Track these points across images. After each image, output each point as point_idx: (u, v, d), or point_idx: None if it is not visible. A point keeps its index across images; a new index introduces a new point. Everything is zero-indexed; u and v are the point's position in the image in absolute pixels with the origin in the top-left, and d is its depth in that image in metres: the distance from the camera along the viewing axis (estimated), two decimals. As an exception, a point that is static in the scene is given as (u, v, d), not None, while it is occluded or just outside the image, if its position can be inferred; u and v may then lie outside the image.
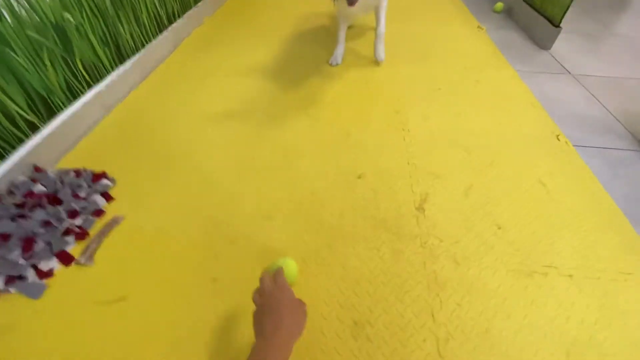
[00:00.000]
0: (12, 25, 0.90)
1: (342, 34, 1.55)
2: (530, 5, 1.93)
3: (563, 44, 1.80)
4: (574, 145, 1.16)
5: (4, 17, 0.88)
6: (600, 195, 0.98)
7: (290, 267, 0.67)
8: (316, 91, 1.40)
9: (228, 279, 0.76)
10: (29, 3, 0.94)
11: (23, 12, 0.92)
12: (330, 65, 1.57)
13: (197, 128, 1.20)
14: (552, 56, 1.71)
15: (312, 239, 0.84)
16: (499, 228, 0.88)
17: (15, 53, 0.91)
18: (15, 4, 0.90)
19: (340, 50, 1.57)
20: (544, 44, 1.76)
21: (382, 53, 1.54)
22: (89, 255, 0.78)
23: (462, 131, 1.19)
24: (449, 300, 0.73)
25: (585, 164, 1.08)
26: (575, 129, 1.23)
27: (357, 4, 1.17)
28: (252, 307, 0.55)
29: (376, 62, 1.58)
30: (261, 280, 0.56)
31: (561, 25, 1.67)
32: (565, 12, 1.64)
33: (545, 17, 1.78)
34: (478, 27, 2.00)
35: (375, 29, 1.52)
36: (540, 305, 0.72)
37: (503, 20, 2.11)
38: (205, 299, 0.72)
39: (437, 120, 1.25)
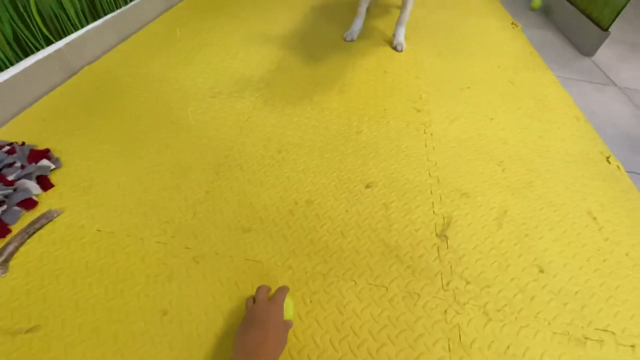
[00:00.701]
0: None
1: (363, 7, 1.35)
2: (574, 4, 1.70)
3: (607, 52, 1.59)
4: (627, 172, 0.96)
5: None
6: (665, 238, 0.79)
7: (286, 306, 0.50)
8: (325, 75, 1.18)
9: (182, 312, 0.56)
10: None
11: None
12: (345, 40, 1.38)
13: (177, 105, 0.98)
14: (596, 64, 1.49)
15: (301, 265, 0.65)
16: (541, 271, 0.69)
17: (-62, -16, 0.69)
18: None
19: (358, 24, 1.38)
20: (587, 49, 1.55)
21: (402, 41, 1.34)
22: (2, 262, 0.58)
23: (495, 141, 0.99)
24: (476, 370, 0.54)
25: (642, 196, 0.88)
26: (626, 151, 1.03)
27: None
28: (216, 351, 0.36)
29: (394, 50, 1.36)
30: (258, 290, 0.53)
31: (609, 29, 1.46)
32: (617, 15, 1.42)
33: (591, 19, 1.56)
34: (512, 23, 1.78)
35: (400, 12, 1.31)
36: (598, 390, 0.53)
37: (540, 19, 1.88)
38: (150, 335, 0.53)
39: (466, 125, 1.04)
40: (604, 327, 0.61)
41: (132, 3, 1.25)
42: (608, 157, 0.99)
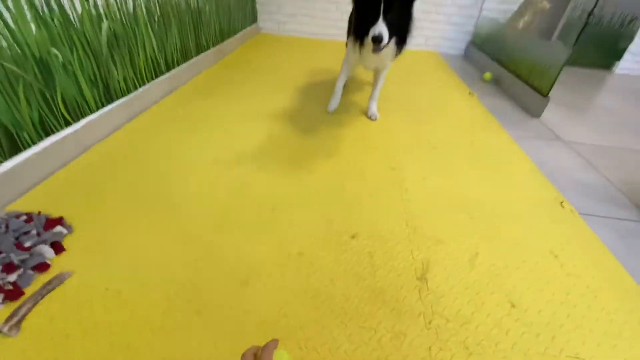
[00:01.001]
0: (-12, 55, 0.84)
1: (341, 84, 1.58)
2: (518, 76, 2.03)
3: (551, 113, 1.85)
4: (580, 214, 1.09)
5: (-19, 46, 0.82)
6: (618, 270, 0.88)
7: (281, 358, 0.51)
8: (312, 144, 1.35)
9: (185, 356, 0.60)
10: (12, 35, 0.89)
11: (4, 42, 0.87)
12: (328, 111, 1.59)
13: (179, 175, 1.10)
14: (543, 123, 1.74)
15: (296, 313, 0.70)
16: (513, 306, 0.76)
17: (-14, 83, 0.84)
18: (-3, 35, 0.85)
19: (337, 98, 1.59)
20: (534, 112, 1.81)
21: (375, 112, 1.58)
22: (15, 323, 0.62)
23: (462, 193, 1.13)
24: (463, 403, 0.58)
25: (595, 235, 1.00)
26: (577, 196, 1.18)
27: (384, 44, 1.18)
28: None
29: (370, 119, 1.58)
30: (243, 356, 0.46)
31: (549, 95, 1.73)
32: (553, 84, 1.71)
33: (533, 87, 1.86)
34: (469, 93, 2.08)
35: (373, 89, 1.55)
36: (575, 415, 0.58)
37: (492, 88, 2.21)
38: (152, 391, 0.56)
39: (436, 180, 1.18)
40: (574, 354, 0.67)
41: (142, 88, 1.45)
42: (562, 202, 1.13)
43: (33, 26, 0.94)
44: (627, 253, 0.95)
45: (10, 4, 0.87)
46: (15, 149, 0.94)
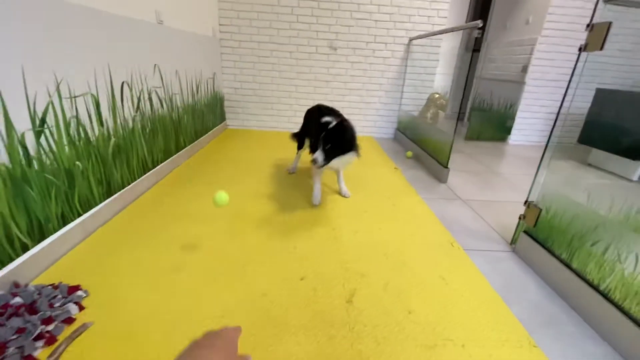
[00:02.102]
0: (36, 170, 1.20)
1: (317, 184, 1.94)
2: (428, 153, 2.68)
3: (456, 179, 2.45)
4: (465, 250, 1.54)
5: (33, 164, 1.19)
6: (484, 284, 1.30)
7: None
8: (271, 216, 1.75)
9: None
10: (53, 154, 1.28)
11: (48, 160, 1.25)
12: (313, 204, 1.90)
13: (168, 247, 1.42)
14: (449, 187, 2.31)
15: (260, 332, 1.01)
16: (410, 313, 1.13)
17: (32, 189, 1.18)
18: (44, 155, 1.23)
19: (316, 192, 1.93)
20: (441, 179, 2.40)
21: (346, 190, 2.06)
22: (55, 358, 0.88)
23: (381, 241, 1.55)
24: (370, 371, 0.90)
25: (472, 263, 1.43)
26: (465, 238, 1.65)
27: (318, 165, 1.61)
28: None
29: (343, 196, 2.06)
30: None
31: (449, 166, 2.34)
32: (448, 159, 2.33)
33: (438, 161, 2.48)
34: (395, 168, 2.67)
35: (338, 177, 2.11)
36: (440, 369, 0.92)
37: (413, 163, 2.84)
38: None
39: (364, 234, 1.61)
40: (446, 337, 1.03)
41: (134, 183, 1.82)
42: (452, 243, 1.58)
43: (67, 148, 1.34)
44: (492, 272, 1.38)
45: (55, 135, 1.28)
46: (42, 236, 1.24)
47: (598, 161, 2.90)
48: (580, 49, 1.17)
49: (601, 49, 1.07)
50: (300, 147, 2.32)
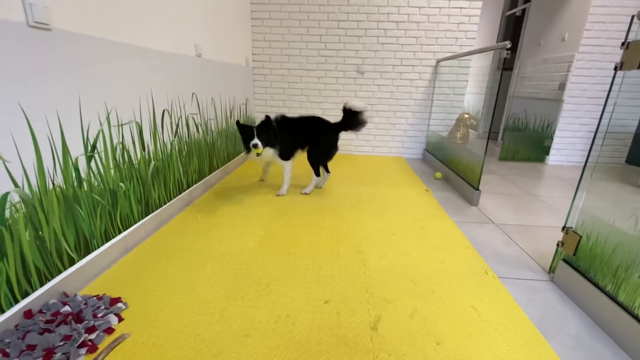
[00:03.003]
0: (85, 191, 1.32)
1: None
2: (458, 174, 2.61)
3: (489, 202, 2.35)
4: (499, 277, 1.46)
5: (83, 185, 1.31)
6: (520, 316, 1.22)
7: None
8: (296, 237, 1.77)
9: (209, 387, 0.90)
10: (100, 176, 1.40)
11: (95, 182, 1.37)
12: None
13: (199, 263, 1.48)
14: (480, 210, 2.22)
15: (283, 355, 1.02)
16: (438, 344, 1.08)
17: (81, 208, 1.30)
18: (92, 177, 1.36)
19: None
20: (472, 201, 2.31)
21: (284, 192, 2.41)
22: (95, 367, 0.93)
23: (410, 266, 1.51)
24: (394, 403, 0.87)
25: (507, 292, 1.35)
26: (499, 264, 1.56)
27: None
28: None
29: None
30: None
31: (479, 188, 2.26)
32: (479, 180, 2.25)
33: (469, 183, 2.41)
34: (426, 190, 2.62)
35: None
36: (470, 407, 0.86)
37: (443, 184, 2.77)
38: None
39: (391, 258, 1.57)
40: (478, 373, 0.97)
41: (170, 202, 1.94)
42: (486, 270, 1.51)
43: (112, 171, 1.47)
44: (529, 303, 1.29)
45: (103, 159, 1.41)
46: (88, 251, 1.35)
47: (651, 183, 2.66)
48: (615, 68, 1.12)
49: (638, 67, 1.02)
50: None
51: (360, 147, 3.81)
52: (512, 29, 4.87)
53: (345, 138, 3.68)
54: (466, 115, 3.38)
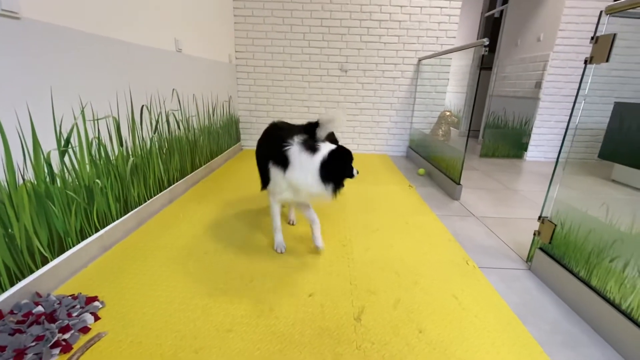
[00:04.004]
0: (59, 187, 1.27)
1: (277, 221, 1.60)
2: (441, 170, 2.65)
3: (470, 196, 2.41)
4: (479, 268, 1.49)
5: (56, 181, 1.26)
6: (499, 303, 1.25)
7: None
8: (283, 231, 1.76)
9: (190, 383, 0.88)
10: (75, 172, 1.35)
11: (70, 178, 1.32)
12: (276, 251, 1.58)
13: (181, 260, 1.45)
14: (462, 204, 2.26)
15: (266, 348, 1.00)
16: (421, 332, 1.09)
17: (54, 205, 1.25)
18: (66, 173, 1.31)
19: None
20: (454, 196, 2.36)
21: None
22: (68, 367, 0.90)
23: (393, 258, 1.52)
24: (377, 391, 0.87)
25: (487, 281, 1.38)
26: (480, 255, 1.60)
27: None
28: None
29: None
30: None
31: (461, 183, 2.31)
32: (460, 174, 2.30)
33: (450, 178, 2.45)
34: (409, 186, 2.65)
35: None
36: (451, 391, 0.88)
37: (426, 180, 2.81)
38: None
39: (375, 252, 1.59)
40: (459, 358, 0.99)
41: (150, 200, 1.89)
42: (467, 261, 1.54)
43: (88, 166, 1.42)
44: (507, 291, 1.32)
45: (78, 155, 1.36)
46: (62, 250, 1.30)
47: (622, 177, 2.79)
48: (586, 62, 1.17)
49: (607, 60, 1.07)
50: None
51: (345, 146, 3.82)
52: (491, 29, 5.00)
53: (330, 136, 3.69)
54: (447, 113, 3.45)
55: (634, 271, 1.00)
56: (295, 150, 1.35)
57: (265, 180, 1.53)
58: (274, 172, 1.42)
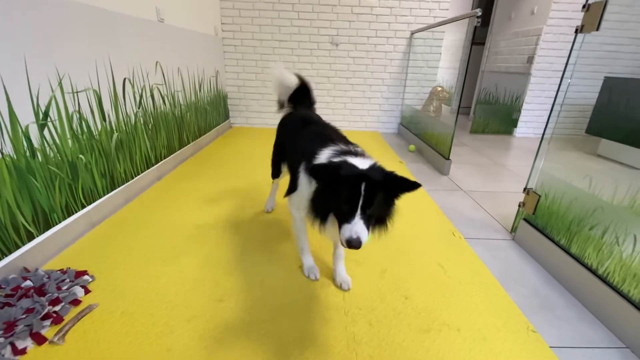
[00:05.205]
0: (40, 162, 1.24)
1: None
2: (430, 146, 2.66)
3: (459, 172, 2.43)
4: (465, 238, 1.53)
5: (37, 156, 1.23)
6: (483, 271, 1.29)
7: None
8: (268, 215, 1.76)
9: (182, 349, 0.90)
10: (56, 147, 1.31)
11: (51, 153, 1.29)
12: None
13: (170, 236, 1.45)
14: (450, 179, 2.29)
15: (257, 316, 1.03)
16: (407, 298, 1.13)
17: (36, 180, 1.22)
18: (47, 147, 1.27)
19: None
20: (443, 171, 2.38)
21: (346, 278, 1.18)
22: (62, 335, 0.91)
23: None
24: (363, 353, 0.91)
25: (473, 251, 1.42)
26: (466, 227, 1.64)
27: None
28: None
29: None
30: None
31: (450, 158, 2.33)
32: (450, 150, 2.31)
33: (440, 153, 2.47)
34: (399, 161, 2.66)
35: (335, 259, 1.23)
36: (434, 352, 0.92)
37: (416, 156, 2.83)
38: (159, 367, 0.85)
39: (363, 225, 1.60)
40: (442, 322, 1.03)
41: (137, 177, 1.86)
42: (453, 232, 1.57)
43: (70, 141, 1.38)
44: (491, 260, 1.37)
45: (58, 129, 1.32)
46: (48, 226, 1.28)
47: (608, 152, 2.84)
48: (576, 31, 1.15)
49: (597, 29, 1.06)
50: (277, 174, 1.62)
51: (337, 123, 3.77)
52: (485, 3, 4.88)
53: (322, 113, 3.64)
54: (439, 88, 3.42)
55: (612, 237, 1.04)
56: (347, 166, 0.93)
57: (276, 172, 1.55)
58: (306, 183, 1.03)
